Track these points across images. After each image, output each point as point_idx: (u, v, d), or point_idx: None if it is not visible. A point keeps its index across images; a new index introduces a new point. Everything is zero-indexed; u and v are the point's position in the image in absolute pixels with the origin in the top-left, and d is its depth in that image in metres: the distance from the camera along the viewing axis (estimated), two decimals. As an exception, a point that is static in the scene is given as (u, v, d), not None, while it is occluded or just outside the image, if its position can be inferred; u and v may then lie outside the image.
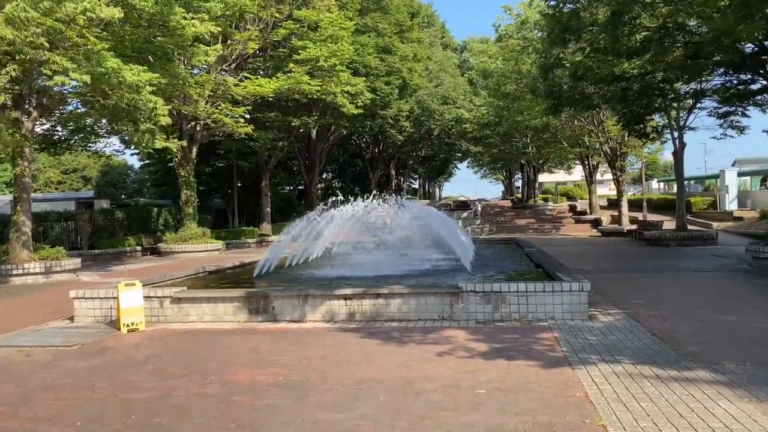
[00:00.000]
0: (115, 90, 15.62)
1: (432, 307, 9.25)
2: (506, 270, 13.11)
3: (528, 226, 40.69)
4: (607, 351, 7.01)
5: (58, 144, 28.25)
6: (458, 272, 12.63)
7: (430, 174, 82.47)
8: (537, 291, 9.04)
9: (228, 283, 12.48)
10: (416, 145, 55.37)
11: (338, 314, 9.44)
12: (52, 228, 26.83)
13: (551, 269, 11.25)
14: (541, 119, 35.74)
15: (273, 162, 34.51)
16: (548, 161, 53.93)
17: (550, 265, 11.86)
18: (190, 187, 26.28)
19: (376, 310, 9.36)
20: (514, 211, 49.90)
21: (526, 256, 15.84)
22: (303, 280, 12.71)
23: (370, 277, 12.40)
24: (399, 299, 9.31)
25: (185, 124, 25.30)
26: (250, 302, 9.67)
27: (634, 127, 20.08)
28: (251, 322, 9.56)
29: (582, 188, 69.59)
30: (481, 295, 9.14)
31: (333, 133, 40.85)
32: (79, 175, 50.33)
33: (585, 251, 22.18)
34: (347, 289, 9.50)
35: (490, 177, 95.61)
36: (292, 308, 9.56)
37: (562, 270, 10.76)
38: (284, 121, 28.88)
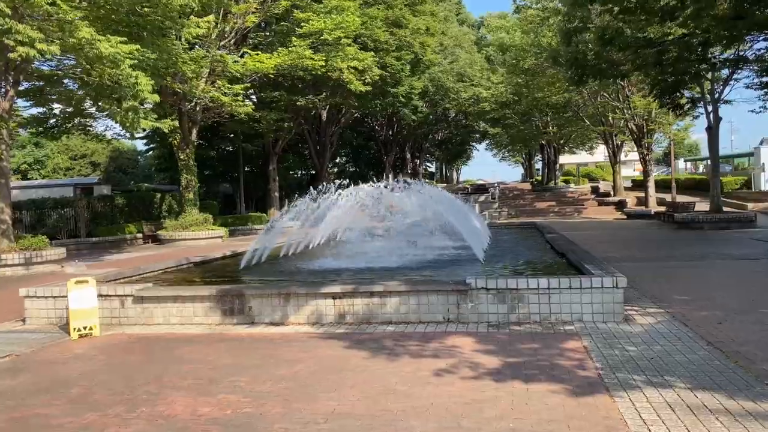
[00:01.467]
0: (95, 65, 14.25)
1: (435, 307, 7.76)
2: (525, 260, 11.55)
3: (548, 209, 38.97)
4: (654, 369, 5.48)
5: (54, 128, 27.12)
6: (470, 263, 11.12)
7: (447, 157, 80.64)
8: (562, 288, 7.50)
9: (211, 277, 11.11)
10: (432, 126, 53.61)
11: (326, 316, 8.00)
12: (49, 215, 25.74)
13: (577, 260, 9.67)
14: (563, 95, 33.92)
15: (281, 145, 33.11)
16: (569, 141, 51.88)
17: (576, 255, 10.28)
18: (191, 172, 24.97)
19: (369, 310, 7.90)
20: (534, 193, 48.18)
21: (547, 243, 14.25)
22: (294, 272, 11.29)
23: (372, 269, 10.96)
24: (396, 298, 7.83)
25: (183, 104, 23.90)
26: (223, 302, 8.26)
27: (668, 98, 18.22)
28: (225, 325, 8.16)
29: (604, 169, 67.36)
30: (494, 293, 7.63)
31: (344, 115, 39.31)
32: (88, 161, 49.41)
33: (611, 236, 20.49)
34: (336, 286, 8.04)
35: (509, 159, 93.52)
36: (272, 309, 8.14)
37: (591, 261, 9.18)
38: (289, 100, 27.38)
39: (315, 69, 22.66)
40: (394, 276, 9.92)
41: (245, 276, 11.04)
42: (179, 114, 24.47)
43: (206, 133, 35.98)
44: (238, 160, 34.65)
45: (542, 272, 9.70)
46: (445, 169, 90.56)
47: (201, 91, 21.14)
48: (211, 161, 36.29)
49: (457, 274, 9.69)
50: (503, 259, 11.74)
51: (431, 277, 9.45)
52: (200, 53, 20.16)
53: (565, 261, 10.60)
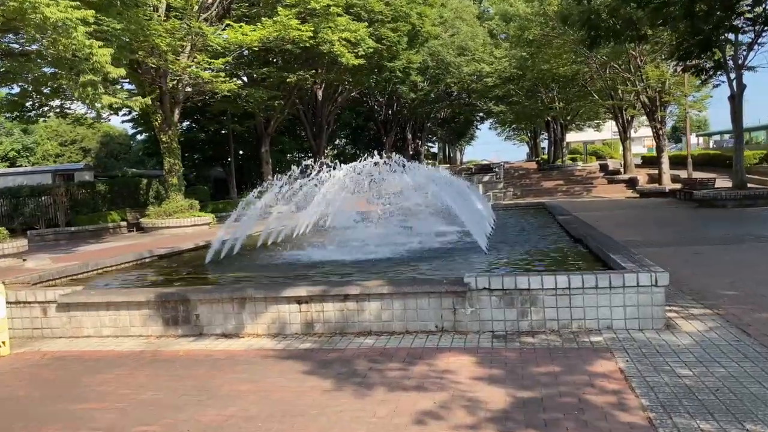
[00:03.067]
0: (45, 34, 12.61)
1: (426, 313, 6.17)
2: (536, 248, 9.91)
3: (556, 188, 37.23)
4: (725, 408, 3.89)
5: (31, 111, 25.52)
6: (472, 252, 9.52)
7: (450, 137, 78.66)
8: (586, 288, 5.89)
9: (171, 274, 9.55)
10: (433, 105, 51.67)
11: (289, 325, 6.42)
12: (25, 204, 24.23)
13: (598, 247, 8.05)
14: (570, 67, 32.03)
15: (273, 126, 31.40)
16: (576, 118, 49.94)
17: (596, 241, 8.64)
18: (174, 155, 23.33)
19: (343, 318, 6.32)
20: (540, 172, 46.40)
21: (559, 227, 12.62)
22: (267, 266, 9.72)
23: (358, 262, 9.38)
24: (377, 302, 6.24)
25: (164, 83, 22.20)
26: (164, 309, 6.69)
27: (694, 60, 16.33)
28: (167, 337, 6.60)
29: (611, 147, 65.47)
30: (500, 295, 6.03)
31: (340, 94, 37.53)
32: (78, 146, 47.81)
33: (626, 216, 18.83)
34: (301, 287, 6.43)
35: (513, 139, 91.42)
36: (224, 317, 6.56)
37: (617, 249, 7.54)
38: (279, 77, 25.63)
39: (303, 41, 20.89)
40: (379, 270, 8.35)
41: (211, 272, 9.48)
42: (160, 93, 22.79)
43: (196, 115, 34.38)
44: (229, 143, 32.95)
45: (558, 265, 8.06)
46: (448, 149, 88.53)
47: (181, 68, 19.44)
48: (200, 144, 34.67)
49: (455, 268, 8.10)
50: (510, 247, 10.11)
51: (423, 274, 7.84)
52: (176, 24, 18.42)
53: (584, 249, 8.97)
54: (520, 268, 7.95)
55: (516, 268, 8.01)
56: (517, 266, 8.15)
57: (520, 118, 52.96)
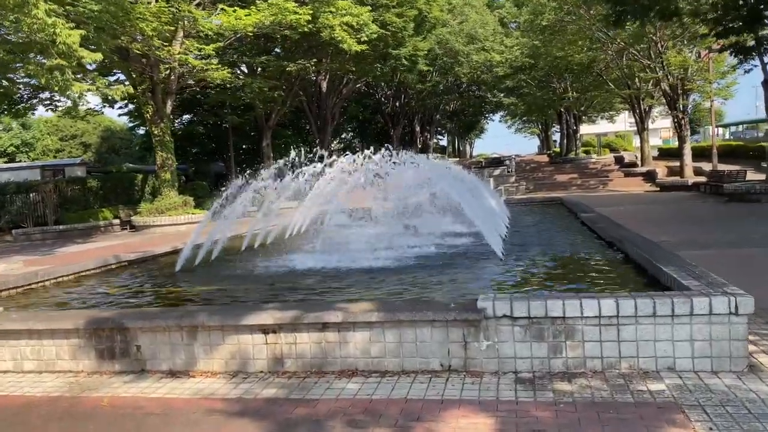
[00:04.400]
0: (6, 15, 11.26)
1: (428, 347, 4.73)
2: (561, 254, 8.42)
3: (570, 182, 35.65)
4: None
5: (20, 103, 24.32)
6: (485, 260, 8.08)
7: (459, 130, 77.04)
8: (641, 316, 4.43)
9: (133, 285, 8.18)
10: (442, 97, 50.10)
11: (253, 360, 5.01)
12: (12, 202, 22.98)
13: (642, 255, 6.58)
14: (586, 54, 30.40)
15: (274, 119, 29.98)
16: (590, 109, 48.21)
17: (637, 246, 7.16)
18: (167, 149, 21.97)
19: (322, 351, 4.89)
20: (553, 166, 44.79)
21: (584, 226, 11.14)
22: (244, 276, 8.32)
23: (349, 270, 7.97)
24: (365, 332, 4.82)
25: (155, 72, 20.82)
26: (98, 338, 5.30)
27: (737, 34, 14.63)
28: (100, 374, 5.22)
29: (625, 139, 63.55)
30: (525, 325, 4.58)
31: (345, 85, 36.07)
32: (78, 141, 46.68)
33: (651, 212, 17.28)
34: (267, 313, 5.00)
35: (524, 131, 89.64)
36: (172, 349, 5.16)
37: (668, 259, 6.06)
38: (279, 66, 24.20)
39: (301, 25, 19.42)
40: (373, 283, 6.93)
41: (178, 284, 8.09)
42: (151, 83, 21.44)
43: (197, 108, 33.04)
44: (228, 137, 31.57)
45: (589, 277, 6.57)
46: (457, 142, 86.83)
47: (169, 55, 18.04)
48: (200, 138, 33.32)
49: (465, 281, 6.67)
50: (530, 252, 8.63)
51: (425, 288, 6.38)
52: (162, 7, 17.02)
53: (621, 256, 7.50)
54: (544, 281, 6.49)
55: (539, 280, 6.55)
56: (540, 278, 6.68)
57: (531, 110, 51.35)
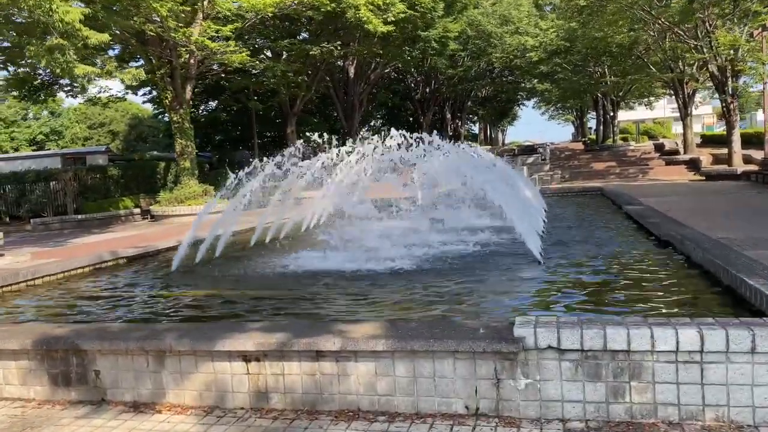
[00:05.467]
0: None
1: (450, 384, 3.70)
2: (609, 255, 7.24)
3: (608, 170, 34.08)
4: None
5: (40, 89, 23.87)
6: (520, 261, 6.99)
7: (491, 117, 75.22)
8: (733, 352, 3.32)
9: (124, 287, 7.32)
10: (474, 82, 48.57)
11: (232, 393, 4.04)
12: (31, 190, 22.55)
13: (709, 258, 5.43)
14: (626, 35, 28.73)
15: (299, 105, 29.07)
16: (628, 94, 46.21)
17: (701, 247, 5.98)
18: (186, 136, 21.23)
19: (316, 386, 3.90)
20: (589, 153, 43.10)
21: (631, 221, 9.93)
22: (243, 279, 7.38)
23: (366, 273, 6.98)
24: (369, 363, 3.80)
25: (174, 56, 20.04)
26: (51, 361, 4.39)
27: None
28: (53, 405, 4.32)
29: (664, 126, 61.11)
30: (577, 359, 3.51)
31: (374, 70, 34.99)
32: (106, 129, 46.50)
33: (700, 204, 15.83)
34: (247, 337, 4.00)
35: (558, 118, 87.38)
36: (136, 377, 4.22)
37: (750, 269, 4.89)
38: (302, 49, 23.22)
39: (323, 4, 18.38)
40: (386, 291, 5.92)
41: (170, 287, 7.18)
42: (170, 68, 20.69)
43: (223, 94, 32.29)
44: (251, 123, 30.76)
45: (649, 289, 5.42)
46: (489, 130, 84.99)
47: (185, 37, 17.18)
48: (223, 125, 32.60)
49: (497, 292, 5.61)
50: (573, 253, 7.49)
51: (444, 302, 5.31)
52: (176, -15, 16.16)
53: (682, 259, 6.33)
54: (592, 292, 5.38)
55: (587, 293, 5.43)
56: (587, 289, 5.56)
57: (566, 96, 49.50)
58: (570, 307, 5.03)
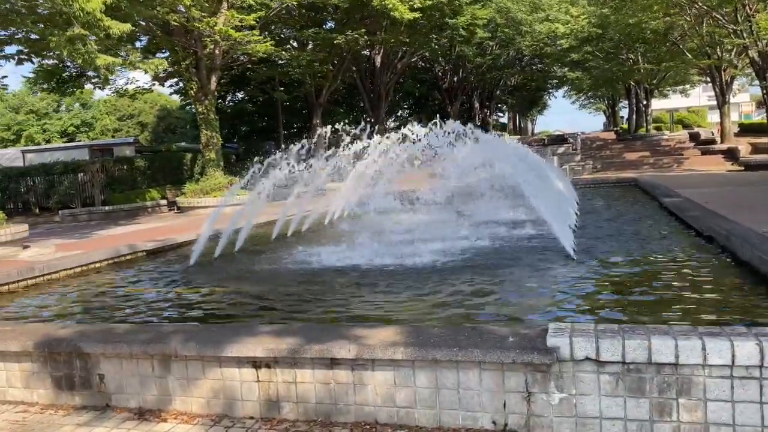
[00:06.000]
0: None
1: (475, 396, 3.37)
2: (646, 251, 6.80)
3: (641, 160, 33.18)
4: None
5: (68, 81, 23.99)
6: (550, 257, 6.61)
7: (520, 106, 74.10)
8: (801, 370, 2.93)
9: (133, 285, 7.13)
10: (503, 71, 47.76)
11: (241, 402, 3.78)
12: (60, 182, 22.71)
13: (761, 257, 4.99)
14: (662, 20, 27.80)
15: (325, 95, 28.80)
16: (662, 82, 44.95)
17: (752, 245, 5.54)
18: (211, 127, 21.12)
19: (330, 395, 3.61)
20: (621, 143, 42.08)
21: (669, 214, 9.44)
22: (258, 275, 7.13)
23: (385, 270, 6.68)
24: (388, 372, 3.49)
25: (199, 47, 19.90)
26: (54, 363, 4.17)
27: None
28: (56, 409, 4.12)
29: (699, 114, 59.43)
30: (617, 372, 3.15)
31: (401, 59, 34.53)
32: (136, 121, 46.90)
33: (740, 195, 15.14)
34: (257, 342, 3.72)
35: (589, 107, 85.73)
36: (141, 382, 3.98)
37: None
38: (327, 38, 22.92)
39: (348, -9, 18.05)
40: (407, 290, 5.61)
41: (187, 282, 6.97)
42: (195, 58, 20.58)
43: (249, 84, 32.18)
44: (277, 114, 30.60)
45: (693, 291, 5.00)
46: (518, 119, 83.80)
47: (208, 25, 16.99)
48: (249, 116, 32.51)
49: (524, 292, 5.26)
50: (608, 249, 7.07)
51: (467, 311, 4.94)
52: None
53: (727, 257, 5.89)
54: (631, 293, 4.98)
55: (624, 293, 5.03)
56: (624, 290, 5.16)
57: (598, 84, 48.40)
58: (606, 308, 4.65)
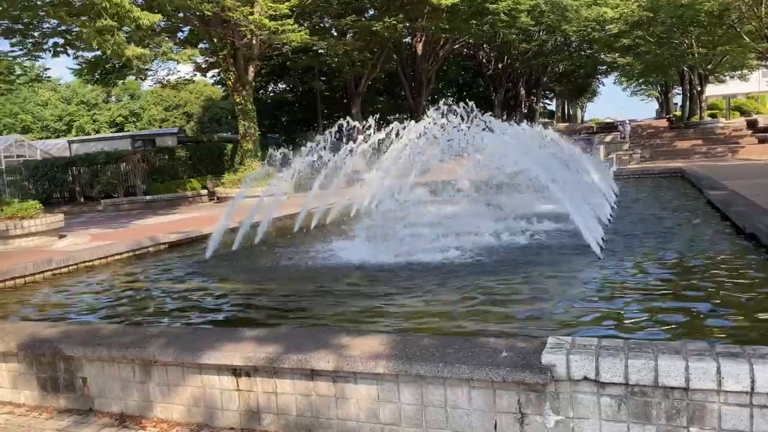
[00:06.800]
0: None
1: (464, 415, 3.08)
2: (679, 252, 6.30)
3: (693, 149, 31.86)
4: None
5: (111, 72, 24.45)
6: (576, 256, 6.22)
7: (569, 93, 72.30)
8: (832, 402, 2.53)
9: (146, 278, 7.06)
10: (550, 57, 46.56)
11: (222, 411, 3.58)
12: (103, 171, 23.18)
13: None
14: (716, 2, 26.47)
15: (364, 84, 28.56)
16: (718, 67, 42.99)
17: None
18: (249, 117, 21.20)
19: (311, 408, 3.37)
20: (673, 131, 40.57)
21: (713, 209, 8.85)
22: (272, 271, 6.96)
23: (400, 267, 6.42)
24: (370, 386, 3.23)
25: (236, 37, 19.91)
26: (39, 365, 4.06)
27: None
28: (41, 411, 4.03)
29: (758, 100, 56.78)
30: (620, 395, 2.81)
31: (442, 47, 33.98)
32: (182, 111, 47.67)
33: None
34: (235, 350, 3.49)
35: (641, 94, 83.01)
36: (123, 387, 3.83)
37: None
38: (364, 26, 22.63)
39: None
40: (419, 290, 5.33)
41: (201, 275, 6.85)
42: (233, 49, 20.61)
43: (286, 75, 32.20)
44: (316, 103, 30.52)
45: (728, 305, 4.53)
46: (567, 106, 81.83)
47: (242, 15, 16.93)
48: (290, 106, 32.54)
49: (540, 290, 4.91)
50: (638, 248, 6.60)
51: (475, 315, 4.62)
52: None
53: None
54: (652, 303, 4.57)
55: (647, 302, 4.62)
56: (648, 298, 4.74)
57: (649, 70, 46.70)
58: (624, 318, 4.27)
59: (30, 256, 9.21)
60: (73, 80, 47.34)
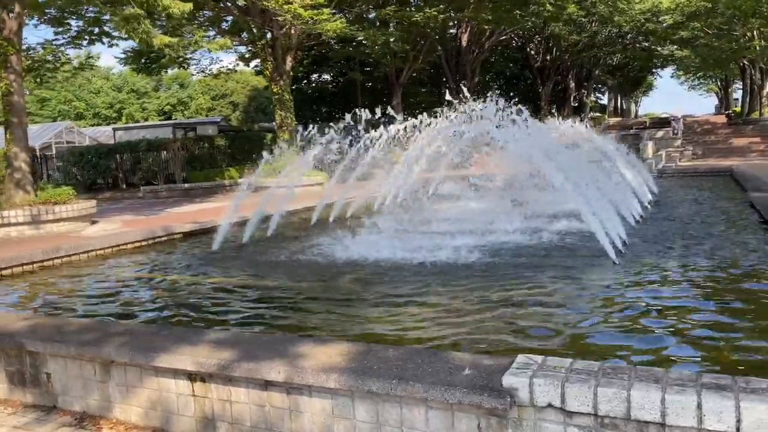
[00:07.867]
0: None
1: (420, 438, 2.80)
2: (710, 262, 5.80)
3: (749, 147, 30.39)
4: None
5: (155, 62, 24.84)
6: (592, 259, 5.82)
7: (622, 87, 70.08)
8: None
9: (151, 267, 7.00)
10: (601, 49, 45.12)
11: (178, 416, 3.39)
12: (145, 159, 23.59)
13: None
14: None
15: (405, 75, 28.21)
16: (782, 60, 40.86)
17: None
18: (285, 107, 21.16)
19: (265, 419, 3.14)
20: (730, 128, 38.78)
21: (754, 212, 8.25)
22: (276, 265, 6.79)
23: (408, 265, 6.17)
24: (325, 400, 2.98)
25: (274, 27, 19.87)
26: (7, 358, 3.97)
27: None
28: (7, 406, 3.93)
29: (826, 96, 53.83)
30: (588, 427, 2.48)
31: (488, 38, 33.30)
32: (228, 101, 48.28)
33: None
34: (188, 353, 3.29)
35: (699, 89, 79.87)
36: (84, 385, 3.69)
37: None
38: (404, 16, 22.29)
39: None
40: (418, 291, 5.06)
41: (209, 267, 6.74)
42: (272, 39, 20.60)
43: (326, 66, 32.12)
44: (356, 94, 30.34)
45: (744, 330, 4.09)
46: (620, 100, 79.41)
47: (277, 4, 16.83)
48: (330, 97, 32.48)
49: (543, 296, 4.57)
50: (663, 255, 6.12)
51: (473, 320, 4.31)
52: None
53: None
54: (664, 316, 4.17)
55: (656, 313, 4.22)
56: (659, 309, 4.34)
57: (708, 64, 44.77)
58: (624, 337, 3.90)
59: (49, 242, 9.32)
60: (125, 69, 48.55)
